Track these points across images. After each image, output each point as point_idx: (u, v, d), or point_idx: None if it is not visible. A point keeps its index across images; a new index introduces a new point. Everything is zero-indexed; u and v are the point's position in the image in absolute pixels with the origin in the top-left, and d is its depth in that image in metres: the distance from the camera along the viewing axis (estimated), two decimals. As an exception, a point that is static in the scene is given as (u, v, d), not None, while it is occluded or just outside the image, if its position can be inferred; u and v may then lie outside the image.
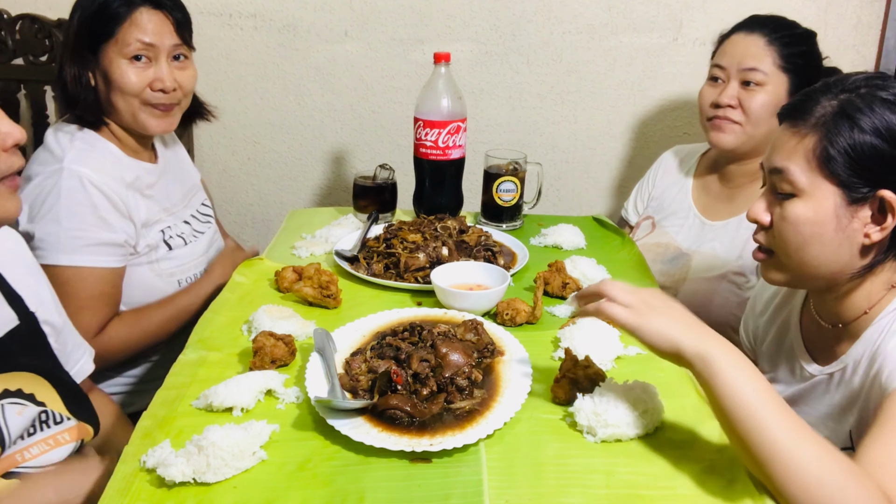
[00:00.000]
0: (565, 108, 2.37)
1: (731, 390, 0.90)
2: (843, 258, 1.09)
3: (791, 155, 1.09)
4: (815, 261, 1.10)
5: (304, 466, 0.97)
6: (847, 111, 1.05)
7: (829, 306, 1.18)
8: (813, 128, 1.07)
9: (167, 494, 0.92)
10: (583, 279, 1.50)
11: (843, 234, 1.07)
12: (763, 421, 0.88)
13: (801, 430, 0.88)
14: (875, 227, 1.06)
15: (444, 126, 1.73)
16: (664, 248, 1.83)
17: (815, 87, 1.12)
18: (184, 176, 1.77)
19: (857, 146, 1.04)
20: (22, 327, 1.11)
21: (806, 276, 1.13)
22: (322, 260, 1.62)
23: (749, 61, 1.67)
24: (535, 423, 1.07)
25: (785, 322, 1.32)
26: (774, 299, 1.37)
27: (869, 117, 1.04)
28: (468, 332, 1.19)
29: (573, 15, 2.27)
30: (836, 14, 2.23)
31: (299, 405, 1.10)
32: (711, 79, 1.76)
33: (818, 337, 1.22)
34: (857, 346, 1.12)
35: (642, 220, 1.95)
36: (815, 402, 1.20)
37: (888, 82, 1.07)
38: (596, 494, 0.93)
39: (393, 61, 2.34)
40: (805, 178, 1.07)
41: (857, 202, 1.06)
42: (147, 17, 1.49)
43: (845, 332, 1.16)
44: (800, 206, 1.08)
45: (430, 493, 0.93)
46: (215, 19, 2.28)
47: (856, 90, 1.07)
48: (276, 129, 2.43)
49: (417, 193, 1.84)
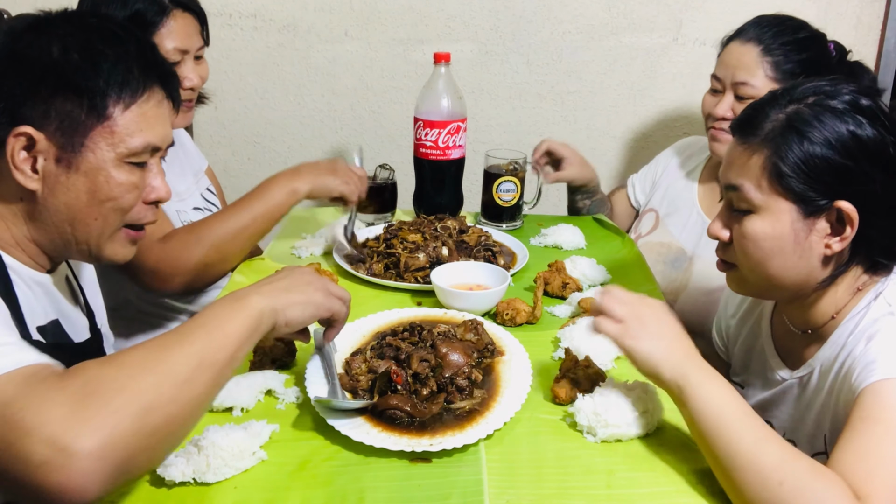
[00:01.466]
0: (565, 108, 2.37)
1: (699, 407, 0.94)
2: (804, 270, 1.08)
3: (743, 172, 1.08)
4: (778, 273, 1.09)
5: (304, 466, 0.97)
6: (795, 124, 1.04)
7: (797, 313, 1.17)
8: (762, 143, 1.06)
9: (167, 494, 0.92)
10: (583, 279, 1.50)
11: (802, 248, 1.06)
12: (726, 431, 0.91)
13: (766, 437, 0.91)
14: (834, 238, 1.05)
15: (444, 126, 1.73)
16: (666, 248, 1.82)
17: (764, 100, 1.11)
18: (189, 161, 1.77)
19: (809, 159, 1.02)
20: (93, 341, 1.17)
21: (771, 288, 1.13)
22: (322, 260, 1.62)
23: (741, 74, 1.63)
24: (535, 423, 1.07)
25: (756, 325, 1.32)
26: (745, 301, 1.37)
27: (818, 129, 1.02)
28: (468, 332, 1.19)
29: (573, 15, 2.27)
30: (836, 14, 2.23)
31: (299, 405, 1.10)
32: (712, 87, 1.73)
33: (789, 342, 1.22)
34: (825, 349, 1.11)
35: (647, 212, 1.92)
36: (787, 406, 1.20)
37: (837, 89, 1.05)
38: (596, 494, 0.93)
39: (393, 61, 2.34)
40: (759, 195, 1.06)
41: (812, 215, 1.05)
42: (180, 22, 1.51)
43: (814, 337, 1.15)
44: (757, 223, 1.07)
45: (430, 493, 0.93)
46: (215, 19, 2.28)
47: (804, 100, 1.06)
48: (276, 129, 2.43)
49: (417, 193, 1.84)
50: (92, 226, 1.03)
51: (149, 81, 1.03)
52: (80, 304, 1.18)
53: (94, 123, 0.98)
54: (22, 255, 1.04)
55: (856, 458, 0.90)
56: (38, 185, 0.99)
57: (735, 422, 0.92)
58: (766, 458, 0.88)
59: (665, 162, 1.95)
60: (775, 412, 1.21)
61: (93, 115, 0.98)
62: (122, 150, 1.00)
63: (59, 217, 1.01)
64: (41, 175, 0.99)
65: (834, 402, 1.07)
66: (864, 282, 1.10)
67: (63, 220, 1.02)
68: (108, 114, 0.99)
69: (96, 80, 0.98)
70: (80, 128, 0.98)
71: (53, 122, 0.97)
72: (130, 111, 1.00)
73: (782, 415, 1.20)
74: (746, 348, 1.33)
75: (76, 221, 1.02)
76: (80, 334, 1.14)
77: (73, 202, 1.00)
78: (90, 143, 0.99)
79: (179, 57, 1.52)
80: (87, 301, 1.21)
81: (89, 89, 0.98)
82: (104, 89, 0.98)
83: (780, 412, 1.21)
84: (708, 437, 0.93)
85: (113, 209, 1.03)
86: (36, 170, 0.98)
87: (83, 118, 0.98)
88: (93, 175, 1.00)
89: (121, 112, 1.00)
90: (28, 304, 1.03)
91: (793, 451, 0.90)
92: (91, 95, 0.98)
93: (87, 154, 0.99)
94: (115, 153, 1.00)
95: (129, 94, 1.00)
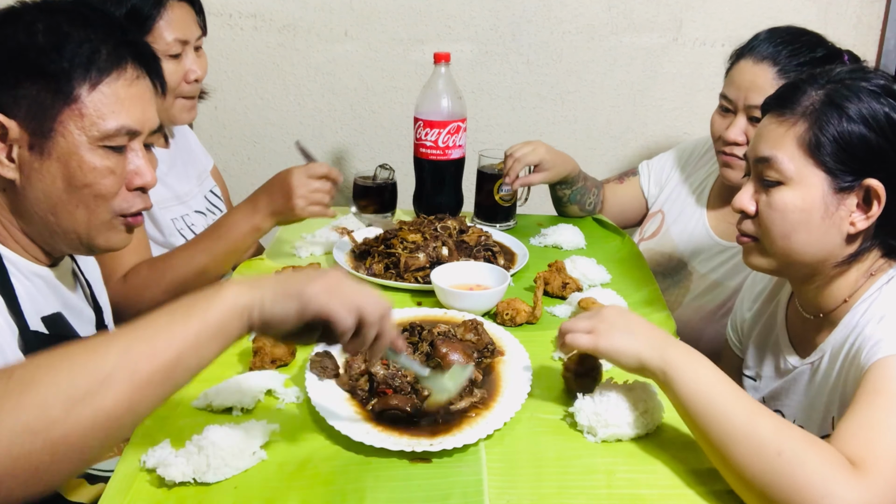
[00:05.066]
0: (565, 108, 2.37)
1: (688, 388, 0.95)
2: (828, 246, 1.09)
3: (778, 143, 1.09)
4: (801, 248, 1.10)
5: (304, 466, 0.97)
6: (835, 100, 1.06)
7: (810, 296, 1.18)
8: (801, 116, 1.08)
9: (167, 494, 0.92)
10: (583, 279, 1.50)
11: (829, 222, 1.08)
12: (719, 408, 0.93)
13: (757, 410, 0.92)
14: (861, 215, 1.07)
15: (444, 126, 1.73)
16: (667, 259, 1.79)
17: (801, 78, 1.13)
18: (194, 161, 1.76)
19: (846, 134, 1.05)
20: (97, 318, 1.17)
21: (790, 263, 1.14)
22: (322, 260, 1.62)
23: (755, 97, 1.50)
24: (535, 423, 1.07)
25: (771, 316, 1.32)
26: (762, 294, 1.37)
27: (856, 106, 1.05)
28: (468, 332, 1.19)
29: (573, 15, 2.27)
30: (836, 14, 2.23)
31: (299, 405, 1.10)
32: (721, 107, 1.62)
33: (801, 329, 1.23)
34: (836, 333, 1.12)
35: (653, 213, 1.89)
36: (798, 393, 1.20)
37: (870, 74, 1.09)
38: (597, 494, 0.93)
39: (393, 61, 2.34)
40: (793, 166, 1.08)
41: (843, 190, 1.06)
42: (178, 13, 1.50)
43: (826, 322, 1.16)
44: (788, 194, 1.09)
45: (430, 493, 0.93)
46: (215, 19, 2.28)
47: (840, 81, 1.08)
48: (276, 129, 2.43)
49: (417, 193, 1.84)
50: (76, 214, 1.01)
51: (118, 60, 0.99)
52: (87, 299, 1.18)
53: (62, 106, 0.96)
54: (17, 248, 1.03)
55: (855, 429, 0.91)
56: (15, 175, 0.97)
57: (726, 396, 0.93)
58: (761, 429, 0.89)
59: (672, 164, 1.90)
60: (786, 400, 1.22)
61: (59, 97, 0.96)
62: (93, 133, 0.97)
63: (40, 207, 0.99)
64: (17, 164, 0.97)
65: (843, 383, 1.08)
66: (879, 266, 1.11)
67: (45, 209, 1.00)
68: (74, 95, 0.96)
69: (60, 62, 0.95)
70: (48, 112, 0.95)
71: (23, 108, 0.95)
72: (99, 91, 0.97)
73: (793, 402, 1.21)
74: (761, 342, 1.34)
75: (58, 210, 1.00)
76: (86, 329, 1.13)
77: (50, 190, 0.98)
78: (60, 127, 0.96)
79: (180, 48, 1.51)
80: (94, 296, 1.20)
81: (54, 71, 0.95)
82: (68, 70, 0.96)
83: (790, 400, 1.21)
84: (699, 415, 0.94)
85: (92, 196, 1.00)
86: (13, 158, 0.97)
87: (50, 102, 0.95)
88: (65, 160, 0.97)
89: (87, 93, 0.97)
90: (29, 295, 1.02)
91: (785, 423, 0.92)
92: (56, 78, 0.95)
93: (59, 139, 0.96)
94: (87, 136, 0.97)
95: (95, 74, 0.97)
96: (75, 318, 1.11)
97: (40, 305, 1.04)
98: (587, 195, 1.88)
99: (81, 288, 1.17)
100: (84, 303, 1.16)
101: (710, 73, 2.29)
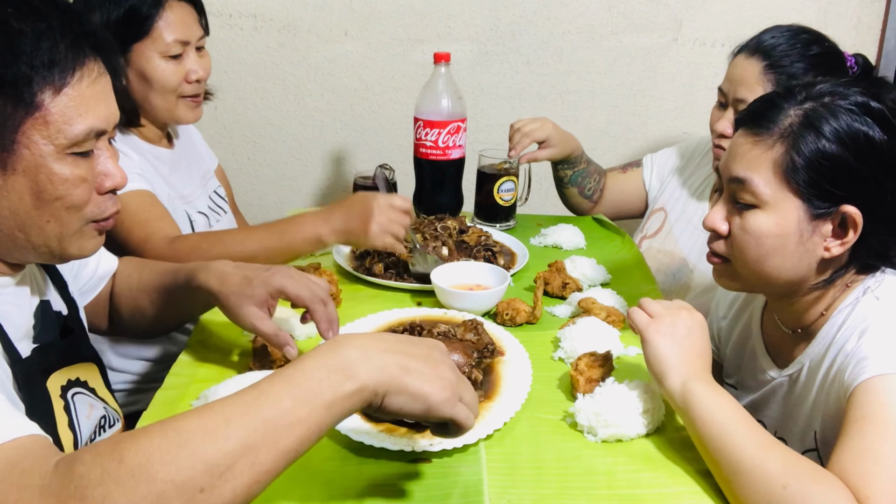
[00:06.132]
0: (565, 108, 2.37)
1: (704, 417, 0.96)
2: (801, 271, 1.07)
3: (753, 165, 1.05)
4: (774, 272, 1.08)
5: (303, 466, 0.97)
6: (813, 122, 1.02)
7: (787, 313, 1.16)
8: (779, 139, 1.04)
9: (167, 494, 0.91)
10: (583, 279, 1.50)
11: (803, 248, 1.05)
12: (730, 440, 0.92)
13: (769, 443, 0.92)
14: (835, 241, 1.04)
15: (444, 126, 1.73)
16: (669, 258, 1.79)
17: (777, 93, 1.09)
18: (198, 161, 1.76)
19: (824, 159, 1.01)
20: (70, 314, 1.10)
21: (761, 285, 1.12)
22: (322, 260, 1.62)
23: (741, 91, 1.54)
24: (535, 423, 1.07)
25: (746, 326, 1.31)
26: (736, 302, 1.36)
27: (831, 125, 1.01)
28: (468, 332, 1.19)
29: (573, 15, 2.27)
30: (836, 14, 2.23)
31: (299, 405, 1.10)
32: (718, 100, 1.65)
33: (779, 341, 1.21)
34: (814, 345, 1.11)
35: (656, 211, 1.88)
36: (776, 405, 1.19)
37: (849, 90, 1.04)
38: (597, 494, 0.93)
39: (393, 61, 2.34)
40: (769, 190, 1.04)
41: (819, 217, 1.04)
42: (177, 13, 1.49)
43: (804, 335, 1.14)
44: (762, 218, 1.05)
45: (430, 493, 0.93)
46: (215, 19, 2.27)
47: (819, 98, 1.04)
48: (276, 129, 2.43)
49: (417, 193, 1.84)
50: (47, 229, 0.92)
51: (80, 56, 0.89)
52: (60, 295, 1.11)
53: (24, 116, 0.85)
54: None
55: (854, 459, 0.89)
56: None
57: (739, 426, 0.93)
58: (770, 463, 0.89)
59: (676, 160, 1.90)
60: (766, 411, 1.21)
61: (20, 106, 0.85)
62: (61, 141, 0.87)
63: (6, 224, 0.90)
64: None
65: (825, 398, 1.06)
66: (854, 278, 1.09)
67: (12, 226, 0.90)
68: (37, 102, 0.85)
69: (17, 66, 0.84)
70: (8, 123, 0.85)
71: None
72: (64, 95, 0.87)
73: (772, 413, 1.20)
74: (738, 349, 1.32)
75: (27, 227, 0.91)
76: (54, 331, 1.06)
77: (17, 206, 0.89)
78: (23, 138, 0.86)
79: (181, 49, 1.50)
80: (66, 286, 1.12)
81: (12, 77, 0.84)
82: (28, 74, 0.85)
83: (770, 411, 1.20)
84: (711, 443, 0.94)
85: (64, 208, 0.91)
86: None
87: (10, 111, 0.85)
88: (32, 174, 0.87)
89: (51, 98, 0.86)
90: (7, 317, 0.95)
91: (795, 456, 0.91)
92: (14, 84, 0.84)
93: (23, 151, 0.86)
94: (54, 145, 0.87)
95: (58, 76, 0.86)
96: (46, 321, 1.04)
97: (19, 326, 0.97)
98: (588, 179, 1.89)
99: (48, 285, 1.09)
100: (56, 294, 1.10)
101: (710, 73, 2.29)
